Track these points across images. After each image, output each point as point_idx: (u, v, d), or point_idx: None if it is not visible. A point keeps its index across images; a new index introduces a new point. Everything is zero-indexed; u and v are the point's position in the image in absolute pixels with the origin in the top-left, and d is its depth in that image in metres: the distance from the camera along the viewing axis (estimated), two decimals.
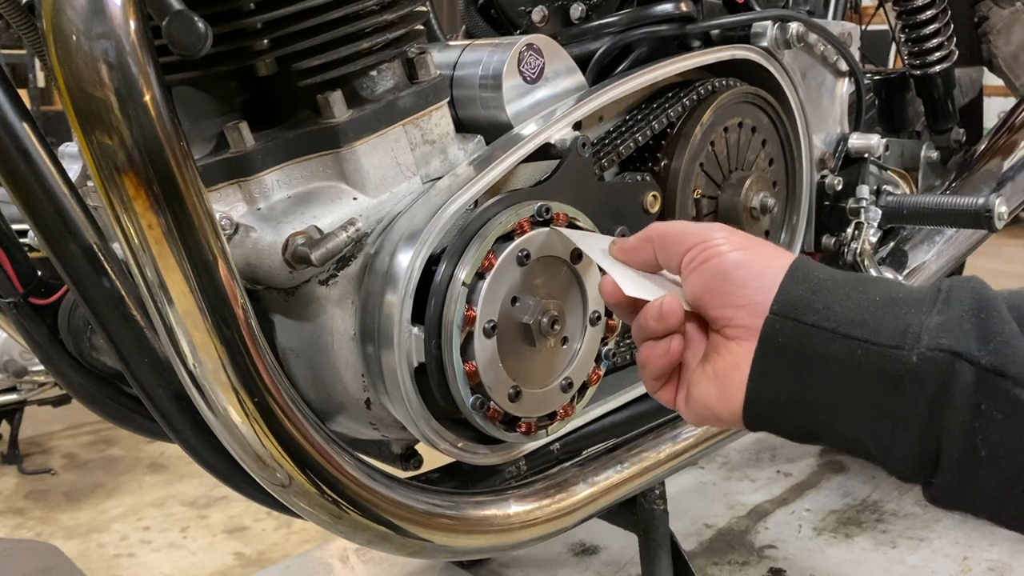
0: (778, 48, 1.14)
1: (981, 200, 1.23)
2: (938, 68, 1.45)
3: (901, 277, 1.41)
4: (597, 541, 1.67)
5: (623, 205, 1.00)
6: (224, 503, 2.32)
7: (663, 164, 1.05)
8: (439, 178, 0.87)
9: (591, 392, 0.95)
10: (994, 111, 1.69)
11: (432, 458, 0.96)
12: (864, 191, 1.27)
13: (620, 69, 1.06)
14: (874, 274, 1.27)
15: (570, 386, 0.91)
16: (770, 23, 1.13)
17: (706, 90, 1.07)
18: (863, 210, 1.27)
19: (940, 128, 1.52)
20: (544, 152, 0.91)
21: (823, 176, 1.26)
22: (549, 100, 0.94)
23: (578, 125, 0.96)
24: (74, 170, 0.91)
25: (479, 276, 0.82)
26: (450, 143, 0.89)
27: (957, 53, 1.47)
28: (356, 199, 0.83)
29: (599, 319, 0.92)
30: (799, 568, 1.60)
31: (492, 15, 1.04)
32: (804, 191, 1.21)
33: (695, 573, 1.26)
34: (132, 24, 0.62)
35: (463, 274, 0.81)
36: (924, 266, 1.44)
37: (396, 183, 0.85)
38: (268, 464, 0.75)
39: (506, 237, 0.84)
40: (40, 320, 0.99)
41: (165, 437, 0.87)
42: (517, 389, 0.86)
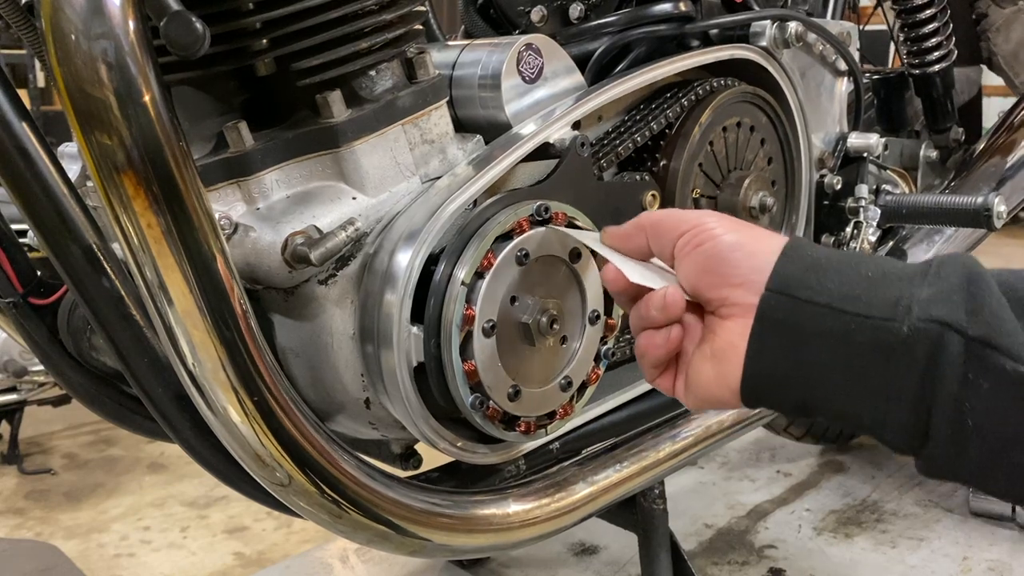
0: (777, 48, 1.14)
1: (980, 199, 1.23)
2: (937, 67, 1.46)
3: None
4: (597, 541, 1.67)
5: (622, 205, 1.00)
6: (224, 503, 2.32)
7: (662, 164, 1.05)
8: (438, 178, 0.87)
9: (590, 391, 0.95)
10: (993, 111, 1.68)
11: (432, 458, 0.96)
12: (863, 190, 1.28)
13: (619, 69, 1.06)
14: None
15: (569, 385, 0.91)
16: (769, 22, 1.13)
17: (705, 90, 1.07)
18: (862, 209, 1.27)
19: (939, 127, 1.52)
20: (543, 152, 0.91)
21: (822, 175, 1.26)
22: (548, 100, 0.94)
23: (577, 125, 0.96)
24: (74, 170, 0.91)
25: (478, 275, 0.82)
26: (449, 143, 0.89)
27: (956, 52, 1.47)
28: (355, 199, 0.83)
29: (598, 318, 0.92)
30: (799, 568, 1.60)
31: (491, 15, 1.04)
32: (803, 190, 1.21)
33: (695, 573, 1.25)
34: (131, 24, 0.63)
35: (462, 273, 0.82)
36: None
37: (395, 183, 0.85)
38: (268, 463, 0.75)
39: (505, 236, 0.84)
40: (40, 320, 0.99)
41: (165, 437, 0.87)
42: (516, 388, 0.86)
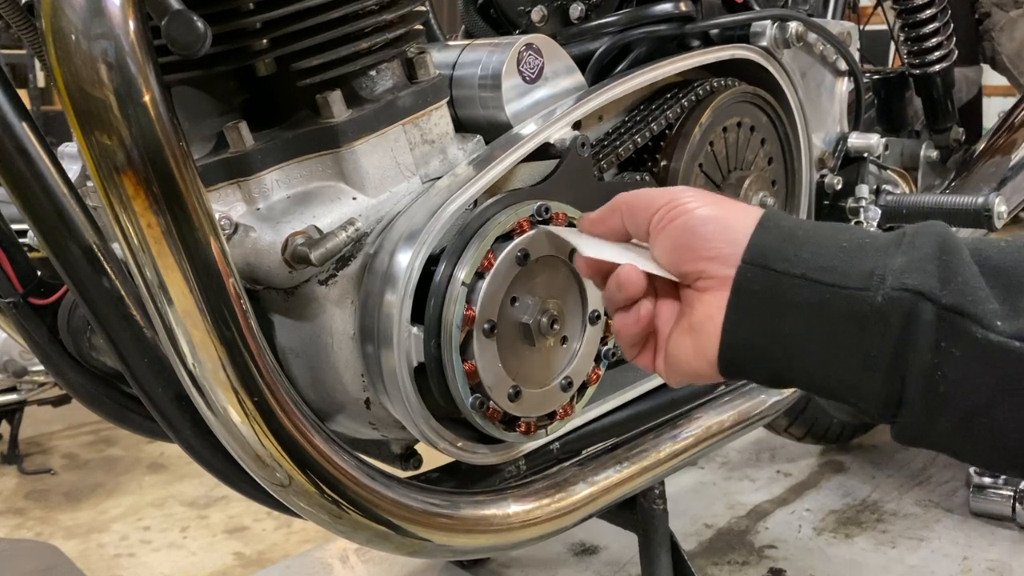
0: (777, 48, 1.14)
1: (981, 199, 1.23)
2: (937, 67, 1.46)
3: None
4: (597, 541, 1.67)
5: None
6: (224, 503, 2.32)
7: (662, 164, 1.05)
8: (438, 178, 0.87)
9: (591, 391, 0.95)
10: (994, 111, 1.68)
11: (432, 458, 0.96)
12: (863, 190, 1.28)
13: (619, 69, 1.06)
14: None
15: (570, 385, 0.91)
16: (769, 22, 1.13)
17: (705, 90, 1.07)
18: (862, 209, 1.27)
19: (939, 127, 1.52)
20: (543, 152, 0.91)
21: (822, 175, 1.26)
22: (548, 100, 0.94)
23: (577, 125, 0.96)
24: (74, 170, 0.91)
25: (478, 276, 0.82)
26: (449, 143, 0.89)
27: (956, 52, 1.47)
28: (355, 199, 0.83)
29: (598, 318, 0.92)
30: (799, 568, 1.60)
31: (491, 15, 1.04)
32: (803, 190, 1.21)
33: (695, 573, 1.25)
34: (131, 24, 0.62)
35: (462, 274, 0.81)
36: None
37: (395, 183, 0.85)
38: (268, 464, 0.75)
39: (505, 237, 0.84)
40: (40, 320, 0.99)
41: (165, 437, 0.87)
42: (516, 389, 0.86)
